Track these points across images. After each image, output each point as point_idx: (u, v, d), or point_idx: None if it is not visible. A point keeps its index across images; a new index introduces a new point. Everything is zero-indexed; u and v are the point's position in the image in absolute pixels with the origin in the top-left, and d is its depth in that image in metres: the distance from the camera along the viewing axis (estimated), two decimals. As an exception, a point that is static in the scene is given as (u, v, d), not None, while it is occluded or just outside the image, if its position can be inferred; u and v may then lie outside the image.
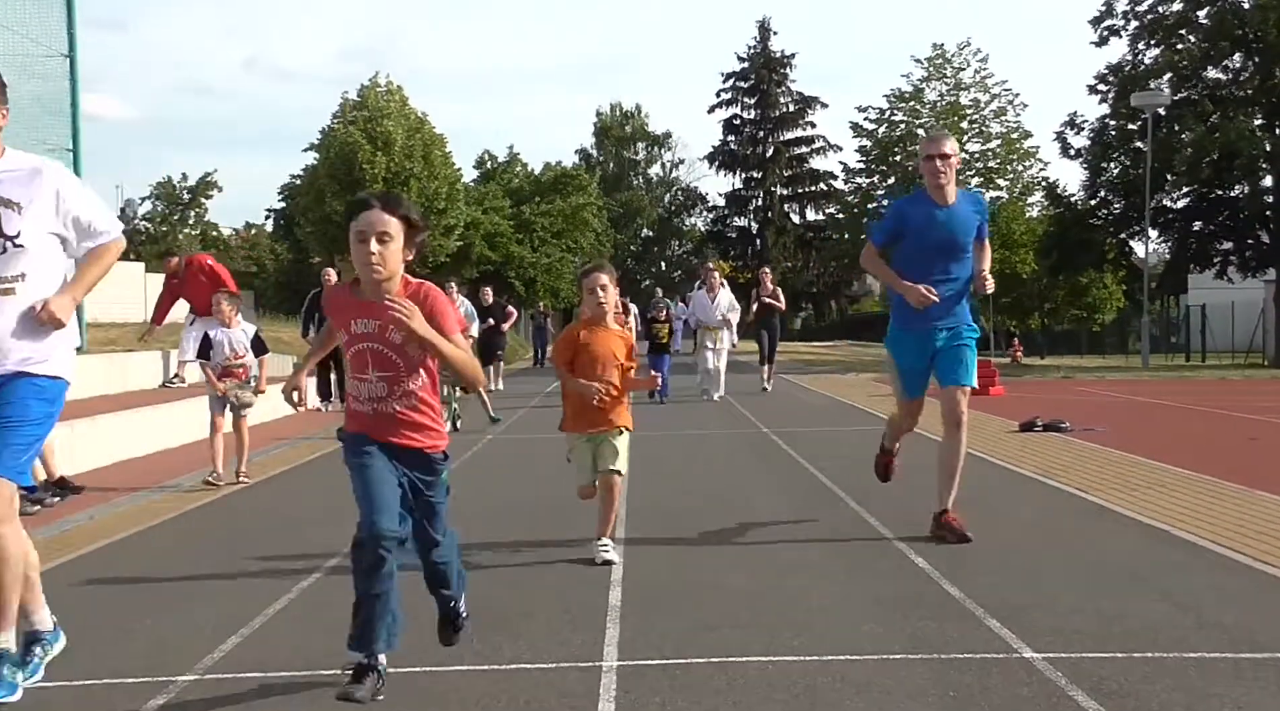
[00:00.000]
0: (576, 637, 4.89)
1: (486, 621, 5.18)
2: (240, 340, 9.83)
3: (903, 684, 4.25)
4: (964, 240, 6.90)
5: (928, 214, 6.88)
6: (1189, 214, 35.69)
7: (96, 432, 10.84)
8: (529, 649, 4.74)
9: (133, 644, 4.96)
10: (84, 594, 5.88)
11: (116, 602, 5.72)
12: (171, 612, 5.44)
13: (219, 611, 5.41)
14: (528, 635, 4.96)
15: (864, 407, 16.87)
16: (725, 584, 5.87)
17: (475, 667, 4.54)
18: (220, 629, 5.08)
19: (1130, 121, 34.77)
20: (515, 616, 5.30)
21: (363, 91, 41.31)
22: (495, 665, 4.55)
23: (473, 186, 51.29)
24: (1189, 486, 8.84)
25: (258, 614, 5.32)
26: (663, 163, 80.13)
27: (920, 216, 6.90)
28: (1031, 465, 10.22)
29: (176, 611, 5.46)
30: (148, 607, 5.59)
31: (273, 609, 5.44)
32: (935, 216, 6.85)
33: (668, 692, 4.21)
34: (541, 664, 4.55)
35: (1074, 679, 4.24)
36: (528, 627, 5.09)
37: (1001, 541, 6.90)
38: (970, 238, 6.95)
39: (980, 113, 42.15)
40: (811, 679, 4.33)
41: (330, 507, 8.43)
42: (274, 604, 5.52)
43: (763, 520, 7.73)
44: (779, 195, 67.12)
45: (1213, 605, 5.30)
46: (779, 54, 67.26)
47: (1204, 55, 33.61)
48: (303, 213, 42.16)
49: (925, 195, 6.99)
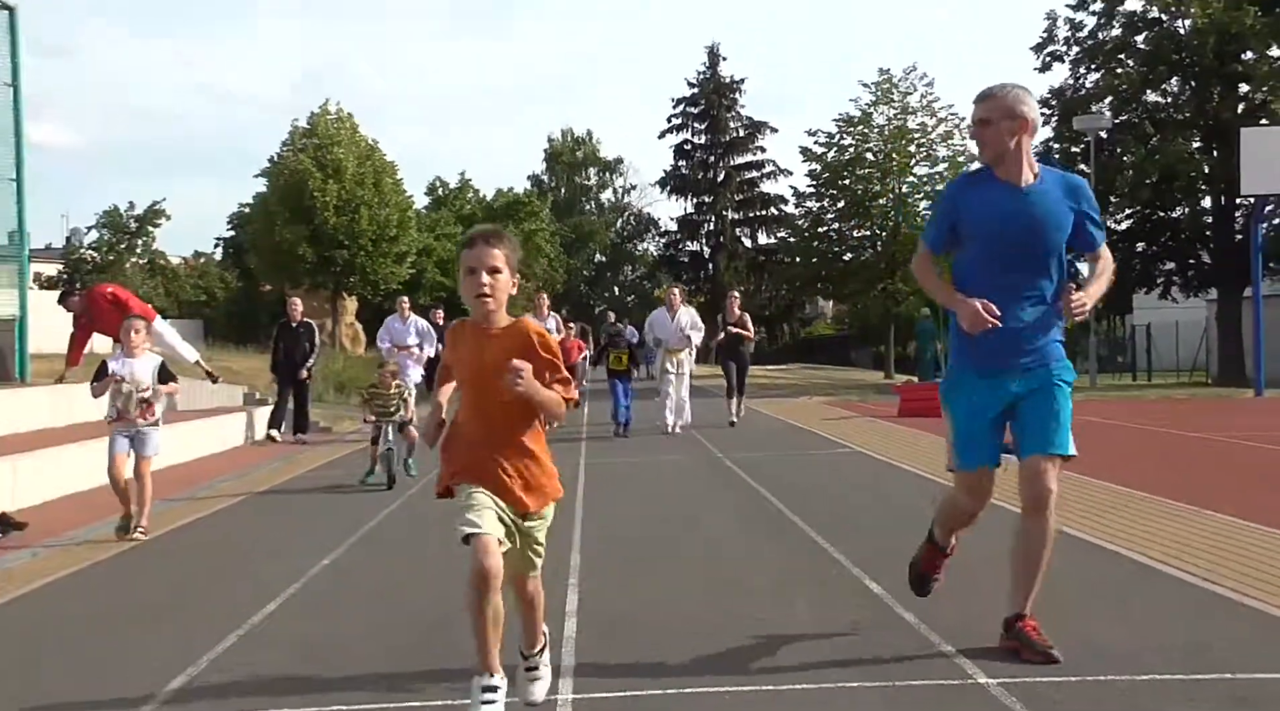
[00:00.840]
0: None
1: (438, 654, 5.13)
2: (144, 370, 8.60)
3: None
4: (1050, 236, 4.92)
5: (991, 198, 4.96)
6: (1132, 235, 36.23)
7: (40, 467, 10.65)
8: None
9: (76, 684, 4.86)
10: (28, 632, 5.76)
11: (61, 641, 5.60)
12: (117, 651, 5.33)
13: (165, 649, 5.31)
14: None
15: (818, 431, 16.94)
16: (681, 613, 5.85)
17: (429, 703, 4.48)
18: (167, 666, 4.98)
19: (1074, 144, 35.28)
20: (467, 651, 5.25)
21: (313, 119, 41.13)
22: (449, 700, 4.50)
23: (425, 213, 51.15)
24: (1138, 506, 8.93)
25: (206, 651, 5.23)
26: (614, 188, 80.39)
27: (981, 202, 4.98)
28: (983, 487, 10.26)
29: (122, 650, 5.35)
30: (93, 646, 5.48)
31: (222, 645, 5.36)
32: (1003, 201, 4.93)
33: (624, 725, 4.18)
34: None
35: (1028, 703, 4.25)
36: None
37: (954, 566, 6.92)
38: (1061, 234, 4.95)
39: (928, 136, 42.56)
40: (766, 707, 4.32)
41: (279, 541, 8.34)
42: (224, 640, 5.44)
43: (719, 548, 7.72)
44: (730, 219, 67.45)
45: (1163, 625, 5.35)
46: (728, 79, 67.73)
47: (1143, 79, 34.20)
48: (253, 241, 41.84)
49: (990, 172, 5.07)
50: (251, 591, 6.50)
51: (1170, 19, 33.61)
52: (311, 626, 5.75)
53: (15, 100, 15.14)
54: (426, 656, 5.13)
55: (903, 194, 42.62)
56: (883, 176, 42.65)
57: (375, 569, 7.26)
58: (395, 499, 10.39)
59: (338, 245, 39.47)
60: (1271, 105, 30.90)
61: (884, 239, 42.93)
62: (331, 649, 5.30)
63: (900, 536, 7.99)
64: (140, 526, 8.57)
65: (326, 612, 6.08)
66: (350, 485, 11.46)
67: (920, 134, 42.51)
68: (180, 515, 9.75)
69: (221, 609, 6.10)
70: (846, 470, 12.29)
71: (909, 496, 9.96)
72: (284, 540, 8.45)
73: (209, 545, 8.38)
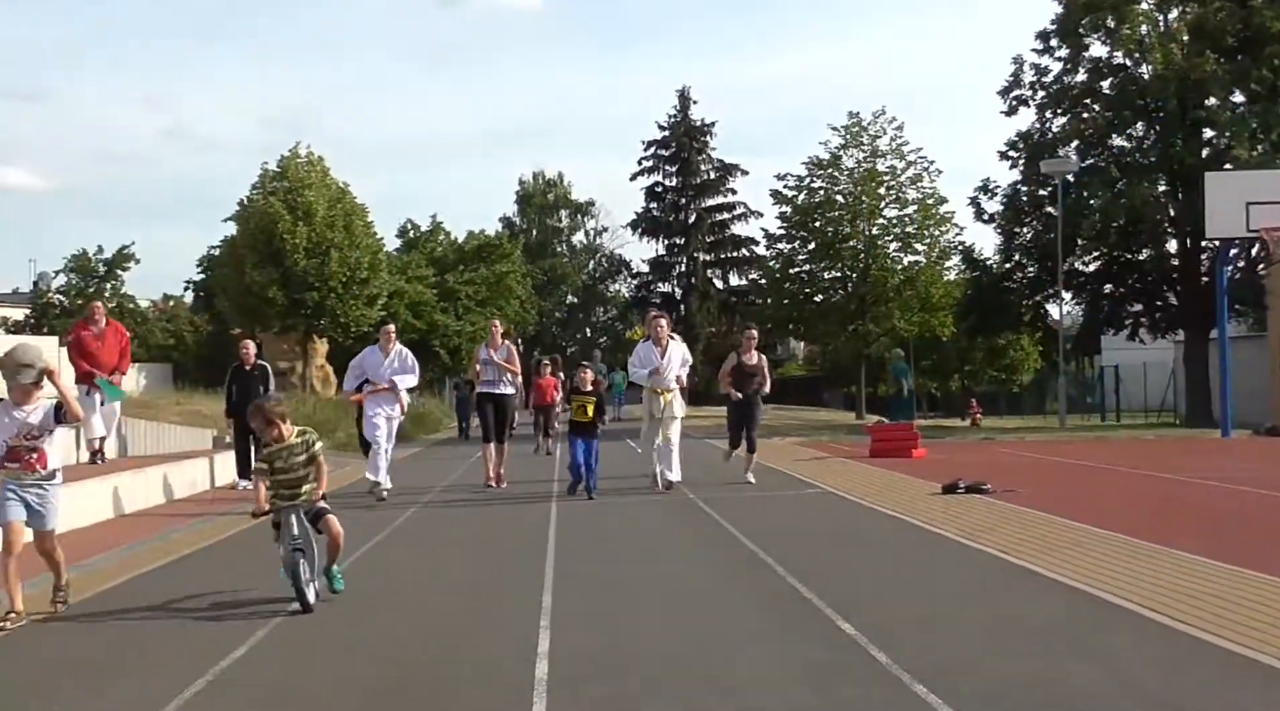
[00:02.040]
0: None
1: (410, 695, 5.10)
2: (33, 422, 7.31)
3: (831, 753, 4.25)
4: None
5: None
6: (1100, 277, 36.59)
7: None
8: (455, 727, 4.67)
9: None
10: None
11: (13, 694, 5.54)
12: (77, 701, 5.27)
13: (129, 697, 5.26)
14: (454, 709, 4.89)
15: (790, 472, 16.95)
16: (654, 652, 5.84)
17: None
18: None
19: (1041, 187, 35.68)
20: (441, 690, 5.23)
21: (283, 162, 41.12)
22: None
23: (396, 255, 51.12)
24: (1108, 546, 8.99)
25: (171, 698, 5.18)
26: (586, 230, 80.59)
27: None
28: (954, 528, 10.32)
29: (83, 699, 5.29)
30: (53, 696, 5.42)
31: (186, 693, 5.30)
32: None
33: (597, 768, 4.17)
34: (468, 742, 4.49)
35: (1000, 743, 4.27)
36: (453, 702, 5.02)
37: (925, 605, 6.96)
38: None
39: (897, 179, 42.96)
40: (741, 750, 4.31)
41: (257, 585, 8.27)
42: (189, 687, 5.39)
43: (691, 587, 7.71)
44: (702, 261, 67.74)
45: (1135, 667, 5.38)
46: (699, 122, 68.21)
47: (1108, 124, 34.68)
48: (222, 285, 41.68)
49: None
50: (212, 639, 6.44)
51: (1134, 64, 34.16)
52: (280, 674, 5.71)
53: (-16, 143, 15.12)
54: (422, 688, 5.10)
55: (873, 236, 42.95)
56: (853, 218, 42.98)
57: (341, 616, 7.21)
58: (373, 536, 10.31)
59: (308, 287, 39.38)
60: (1234, 151, 31.35)
61: (854, 280, 43.19)
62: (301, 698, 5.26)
63: (872, 576, 8.03)
64: (60, 596, 7.58)
65: (296, 658, 6.03)
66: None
67: (890, 176, 42.89)
68: (135, 565, 9.65)
69: (183, 657, 6.04)
70: (818, 510, 12.31)
71: (881, 536, 9.99)
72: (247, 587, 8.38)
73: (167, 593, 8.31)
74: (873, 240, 42.98)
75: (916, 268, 42.60)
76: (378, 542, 10.36)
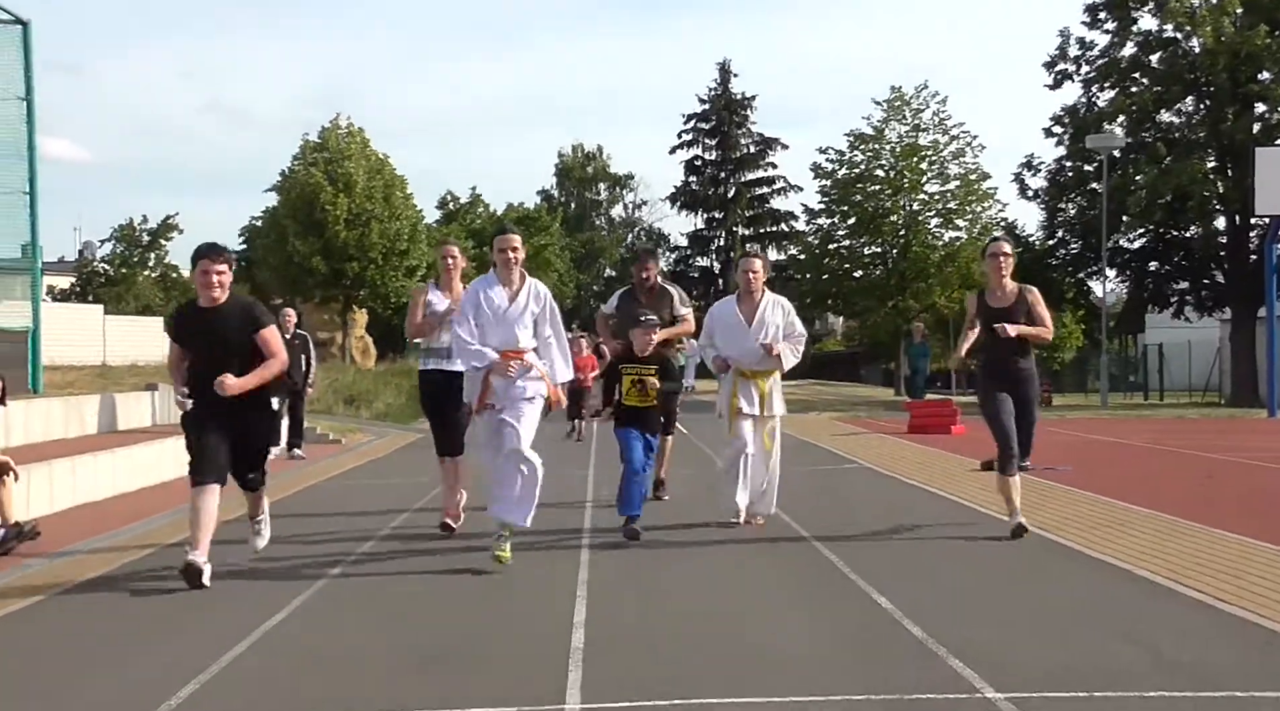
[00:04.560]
0: (538, 681, 4.85)
1: (447, 663, 5.13)
2: None
3: (867, 725, 4.24)
4: None
5: None
6: (1145, 254, 36.18)
7: (53, 477, 10.69)
8: (491, 693, 4.69)
9: (88, 692, 4.87)
10: (39, 640, 5.77)
11: (72, 649, 5.62)
12: (128, 659, 5.35)
13: (176, 657, 5.32)
14: (489, 677, 4.91)
15: (827, 447, 16.92)
16: (688, 625, 5.84)
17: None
18: (177, 675, 4.99)
19: (1086, 163, 35.26)
20: (476, 658, 5.25)
21: (323, 133, 41.31)
22: (457, 708, 4.50)
23: (435, 227, 51.31)
24: (1148, 525, 8.90)
25: (215, 660, 5.24)
26: (625, 203, 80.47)
27: None
28: (994, 504, 10.25)
29: (133, 657, 5.36)
30: (104, 654, 5.50)
31: (231, 654, 5.36)
32: None
33: (631, 737, 4.18)
34: (504, 707, 4.51)
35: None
36: (489, 670, 5.04)
37: (963, 581, 6.92)
38: None
39: (939, 154, 42.58)
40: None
41: (297, 550, 8.34)
42: (233, 648, 5.45)
43: (726, 561, 7.71)
44: (741, 235, 67.47)
45: (1173, 644, 5.33)
46: (740, 96, 67.82)
47: (1156, 99, 34.19)
48: (263, 255, 41.98)
49: None
50: (257, 600, 6.51)
51: (1184, 38, 33.60)
52: (321, 637, 5.76)
53: (29, 115, 15.24)
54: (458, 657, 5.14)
55: (914, 211, 42.65)
56: (894, 193, 42.68)
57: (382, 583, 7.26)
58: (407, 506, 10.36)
59: (348, 258, 39.58)
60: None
61: (894, 256, 42.93)
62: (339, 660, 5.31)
63: (909, 551, 7.99)
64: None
65: (337, 622, 6.08)
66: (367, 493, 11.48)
67: (932, 151, 42.53)
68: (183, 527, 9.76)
69: (235, 617, 6.11)
70: (855, 485, 12.27)
71: (918, 512, 9.94)
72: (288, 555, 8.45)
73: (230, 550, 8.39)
74: (914, 215, 42.69)
75: (957, 244, 42.28)
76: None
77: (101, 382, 20.13)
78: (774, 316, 9.16)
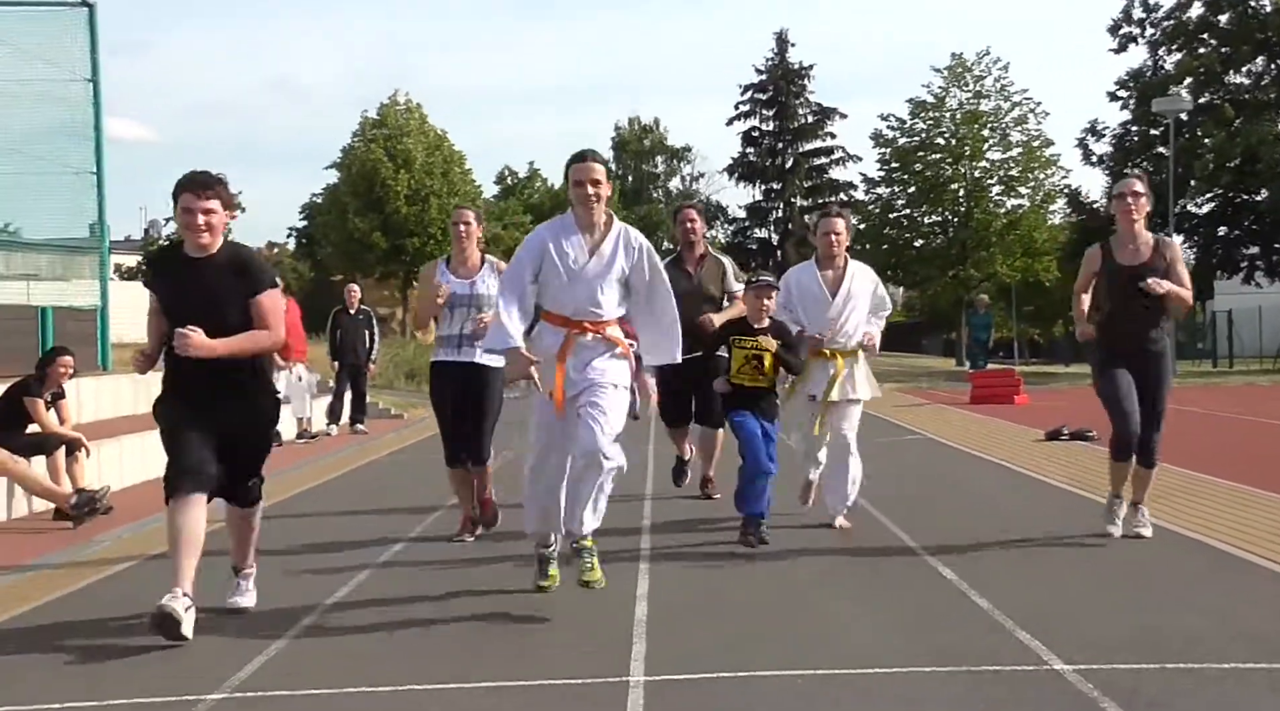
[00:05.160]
0: (602, 653, 4.86)
1: (511, 638, 5.17)
2: None
3: (931, 696, 4.21)
4: None
5: None
6: (1214, 219, 35.50)
7: (123, 452, 10.89)
8: (556, 665, 4.71)
9: (159, 663, 4.96)
10: (112, 613, 5.89)
11: (143, 622, 5.72)
12: (198, 631, 5.43)
13: (245, 630, 5.41)
14: (554, 651, 4.94)
15: (889, 418, 16.80)
16: (750, 598, 5.83)
17: (502, 684, 4.52)
18: (246, 648, 5.07)
19: (1151, 127, 34.63)
20: (540, 633, 5.28)
21: (382, 110, 41.54)
22: (523, 680, 4.53)
23: (493, 202, 51.48)
24: (1220, 494, 8.75)
25: (283, 633, 5.32)
26: (682, 176, 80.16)
27: None
28: (1058, 474, 10.14)
29: (203, 630, 5.45)
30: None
31: (298, 627, 5.44)
32: None
33: (695, 708, 4.19)
34: (569, 679, 4.53)
35: (1106, 690, 4.19)
36: (553, 644, 5.07)
37: (1029, 552, 6.85)
38: None
39: (1000, 121, 41.98)
40: (838, 692, 4.29)
41: (365, 522, 8.43)
42: (301, 620, 5.52)
43: (787, 532, 7.68)
44: (799, 206, 66.94)
45: (1248, 615, 5.24)
46: (797, 66, 67.17)
47: (1225, 60, 33.46)
48: (324, 231, 42.36)
49: None
50: (327, 578, 6.59)
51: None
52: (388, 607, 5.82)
53: (95, 96, 15.42)
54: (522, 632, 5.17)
55: (975, 179, 42.15)
56: (954, 161, 42.18)
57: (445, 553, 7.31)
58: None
59: (408, 234, 39.85)
60: (1360, 85, 30.12)
61: (955, 225, 42.46)
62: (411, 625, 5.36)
63: (972, 523, 7.92)
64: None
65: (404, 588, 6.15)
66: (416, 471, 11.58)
67: (993, 118, 41.97)
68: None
69: (299, 588, 6.19)
70: (917, 457, 12.18)
71: (982, 483, 9.85)
72: (365, 522, 8.55)
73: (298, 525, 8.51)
74: (975, 183, 42.18)
75: (1020, 211, 41.73)
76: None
77: (169, 359, 20.44)
78: (861, 286, 7.74)
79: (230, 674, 4.71)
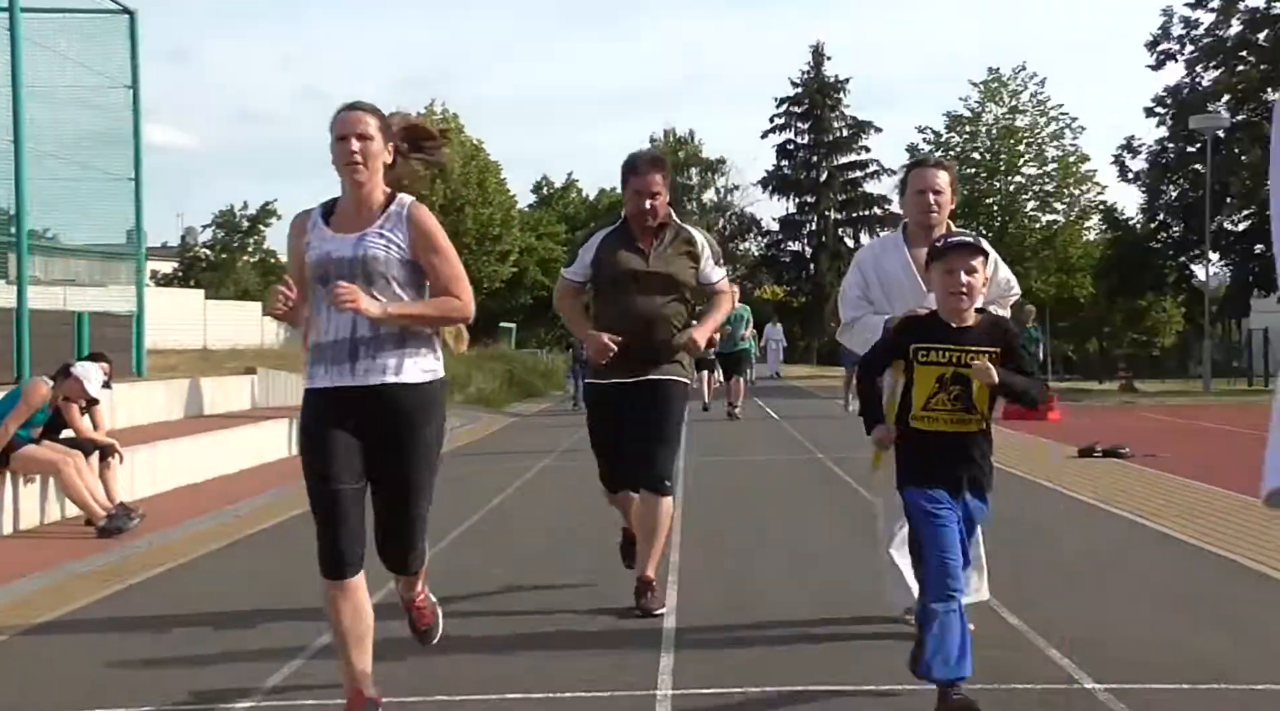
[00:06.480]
0: (631, 666, 4.86)
1: (540, 650, 5.18)
2: None
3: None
4: None
5: None
6: (1250, 237, 35.16)
7: (156, 459, 10.97)
8: (584, 677, 4.72)
9: (192, 668, 4.99)
10: (144, 619, 5.93)
11: (176, 627, 5.76)
12: (232, 637, 5.48)
13: (279, 634, 5.44)
14: (582, 663, 4.94)
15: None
16: (780, 611, 5.82)
17: (530, 695, 4.52)
18: (280, 652, 5.10)
19: (1189, 144, 34.38)
20: (569, 644, 5.29)
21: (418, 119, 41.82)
22: (550, 692, 4.54)
23: (528, 211, 51.67)
24: (1254, 514, 8.65)
25: (313, 640, 5.34)
26: (717, 188, 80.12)
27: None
28: (1091, 491, 10.06)
29: (237, 635, 5.49)
30: (207, 632, 5.63)
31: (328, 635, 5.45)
32: None
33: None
34: (597, 692, 4.53)
35: (1137, 710, 4.15)
36: (582, 656, 5.07)
37: (1061, 570, 6.80)
38: None
39: (1036, 136, 41.78)
40: (869, 708, 4.28)
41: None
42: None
43: (818, 546, 7.67)
44: (833, 220, 66.89)
45: (1278, 634, 5.18)
46: (832, 79, 67.16)
47: (1263, 77, 33.20)
48: (359, 240, 42.65)
49: None
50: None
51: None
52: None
53: (134, 103, 15.58)
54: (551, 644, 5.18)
55: (1011, 194, 41.93)
56: (989, 176, 42.00)
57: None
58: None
59: (443, 244, 40.01)
60: (1400, 103, 29.84)
61: (990, 239, 42.24)
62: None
63: (1005, 539, 7.86)
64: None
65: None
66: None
67: (1029, 133, 41.75)
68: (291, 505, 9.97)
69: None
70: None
71: (1014, 499, 9.78)
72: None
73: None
74: (1010, 198, 41.97)
75: (1055, 227, 41.49)
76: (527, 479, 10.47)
77: (203, 366, 20.57)
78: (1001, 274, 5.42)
79: (262, 680, 4.74)
